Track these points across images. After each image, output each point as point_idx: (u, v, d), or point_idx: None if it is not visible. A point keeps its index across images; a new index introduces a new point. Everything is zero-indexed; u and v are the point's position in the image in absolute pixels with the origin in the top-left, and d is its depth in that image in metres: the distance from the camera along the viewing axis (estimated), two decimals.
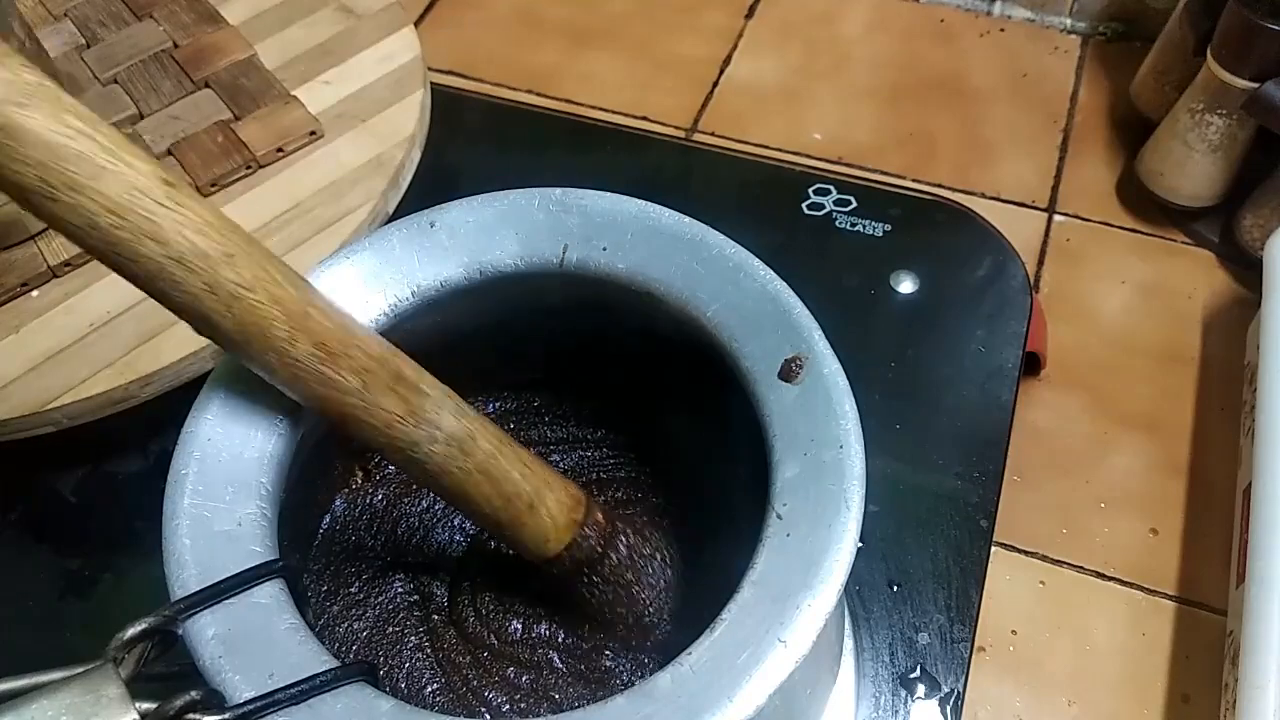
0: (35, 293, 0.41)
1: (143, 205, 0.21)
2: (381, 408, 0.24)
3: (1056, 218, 0.63)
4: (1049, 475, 0.53)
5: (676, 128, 0.68)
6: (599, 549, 0.29)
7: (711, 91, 0.70)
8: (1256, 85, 0.54)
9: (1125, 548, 0.51)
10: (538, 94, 0.70)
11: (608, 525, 0.29)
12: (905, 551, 0.39)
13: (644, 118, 0.69)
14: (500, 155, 0.53)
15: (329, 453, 0.33)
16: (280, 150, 0.45)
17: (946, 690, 0.36)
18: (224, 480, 0.26)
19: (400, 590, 0.33)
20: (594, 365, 0.34)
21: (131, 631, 0.24)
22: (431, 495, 0.35)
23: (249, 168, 0.45)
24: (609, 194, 0.31)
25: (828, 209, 0.49)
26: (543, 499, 0.28)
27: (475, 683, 0.31)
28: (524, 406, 0.36)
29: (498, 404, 0.36)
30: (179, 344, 0.39)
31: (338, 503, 0.34)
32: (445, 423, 0.26)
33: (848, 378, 0.27)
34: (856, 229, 0.48)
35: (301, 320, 0.23)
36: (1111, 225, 0.63)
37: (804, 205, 0.49)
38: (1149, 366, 0.56)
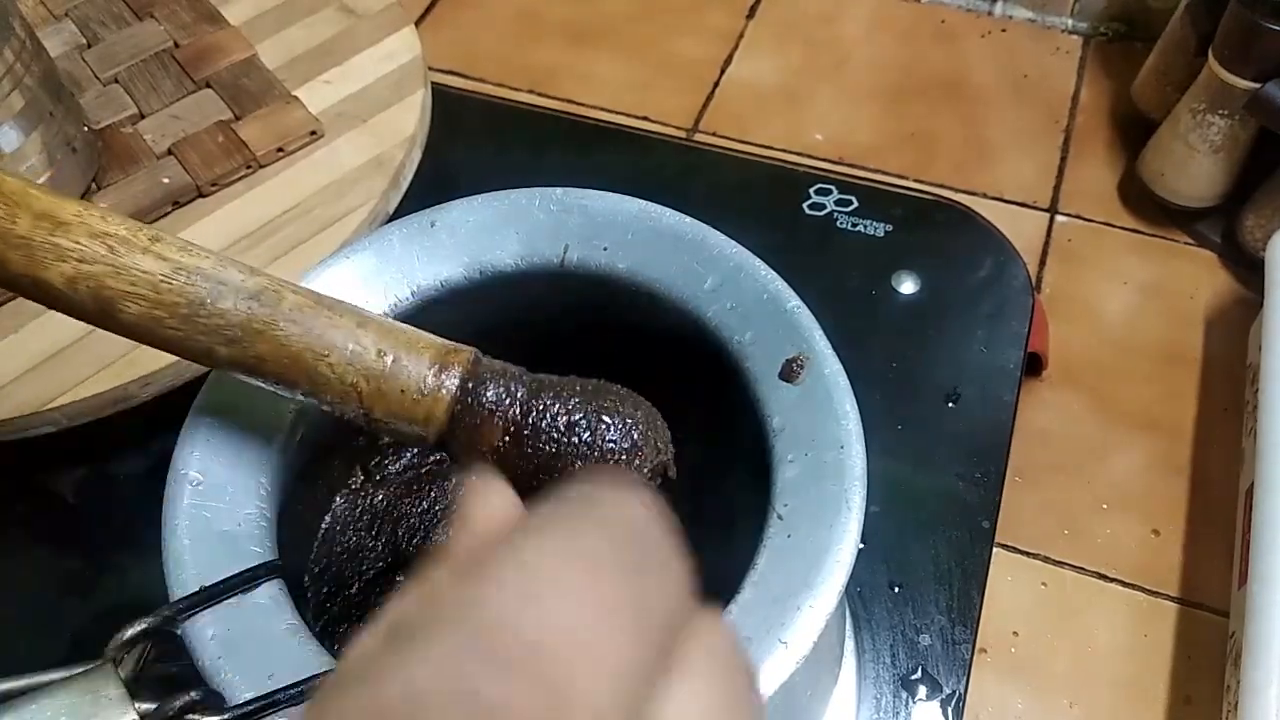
0: None
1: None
2: (140, 269, 0.23)
3: (1058, 218, 0.63)
4: (1051, 476, 0.53)
5: (678, 128, 0.68)
6: (497, 418, 0.24)
7: (712, 92, 0.70)
8: (1258, 85, 0.54)
9: (1127, 549, 0.50)
10: (538, 94, 0.70)
11: (503, 389, 0.24)
12: (906, 553, 0.39)
13: (645, 118, 0.69)
14: (501, 155, 0.53)
15: (329, 452, 0.33)
16: (281, 150, 0.45)
17: (948, 692, 0.36)
18: (224, 480, 0.26)
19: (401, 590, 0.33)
20: (594, 365, 0.34)
21: (131, 632, 0.24)
22: (433, 495, 0.35)
23: (249, 167, 0.45)
24: (610, 194, 0.31)
25: (829, 209, 0.49)
26: (395, 360, 0.24)
27: None
28: None
29: None
30: None
31: (338, 502, 0.34)
32: (230, 277, 0.23)
33: (849, 378, 0.27)
34: (858, 229, 0.48)
35: (22, 196, 0.22)
36: (1113, 225, 0.62)
37: (805, 205, 0.49)
38: (1151, 367, 0.56)
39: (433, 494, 0.35)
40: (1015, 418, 0.42)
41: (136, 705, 0.23)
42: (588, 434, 0.25)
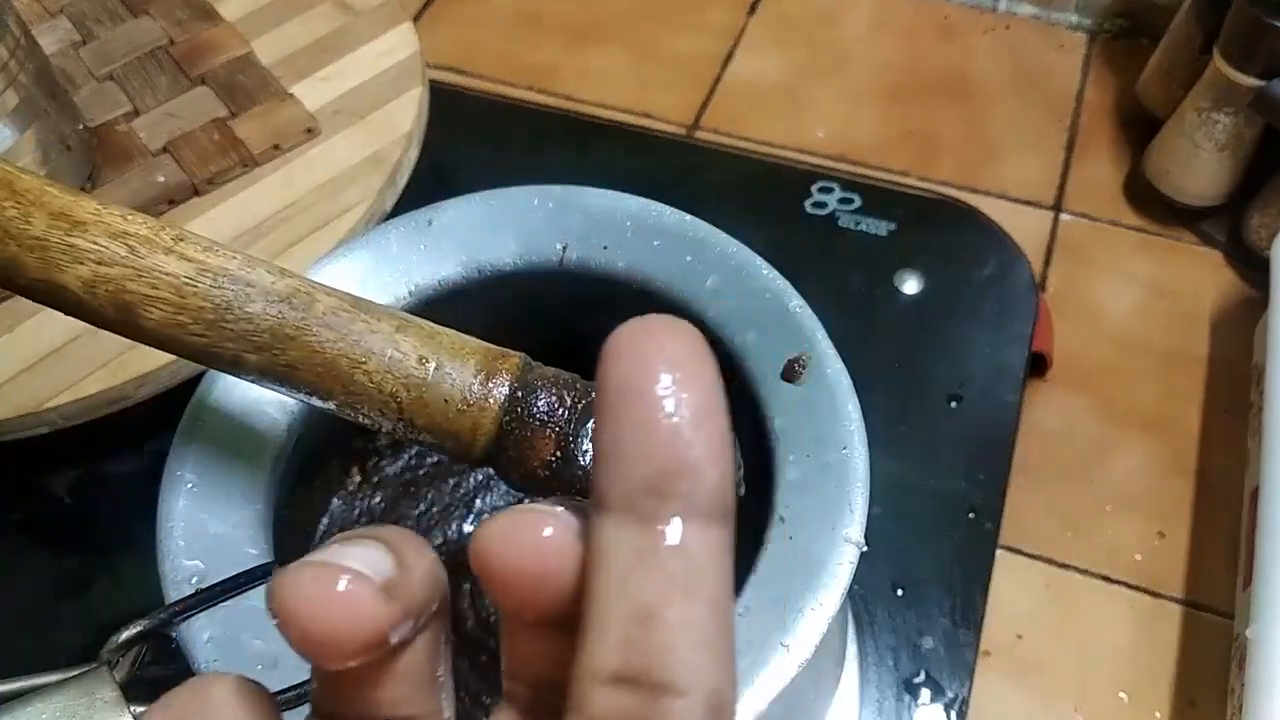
0: None
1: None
2: (162, 271, 0.21)
3: (1063, 216, 0.62)
4: (1055, 477, 0.52)
5: (678, 125, 0.68)
6: (549, 429, 0.22)
7: (713, 88, 0.69)
8: (1264, 83, 0.53)
9: (1132, 550, 0.50)
10: (537, 91, 0.69)
11: (555, 397, 0.23)
12: (909, 555, 0.38)
13: (645, 115, 0.68)
14: (499, 153, 0.52)
15: (326, 453, 0.32)
16: (277, 148, 0.45)
17: (951, 695, 0.36)
18: (220, 482, 0.26)
19: None
20: (594, 365, 0.34)
21: (126, 634, 0.24)
22: (430, 497, 0.34)
23: (245, 165, 0.45)
24: (609, 192, 0.30)
25: (831, 207, 0.48)
26: (437, 367, 0.22)
27: (474, 687, 0.31)
28: None
29: None
30: None
31: (335, 504, 0.34)
32: (259, 279, 0.22)
33: (851, 378, 0.26)
34: (860, 228, 0.48)
35: (37, 195, 0.21)
36: (1118, 224, 0.62)
37: (807, 203, 0.48)
38: (1156, 367, 0.56)
39: (430, 496, 0.34)
40: (1019, 418, 0.42)
41: (131, 708, 0.23)
42: None
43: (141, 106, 0.47)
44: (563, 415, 0.23)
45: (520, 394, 0.23)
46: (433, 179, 0.47)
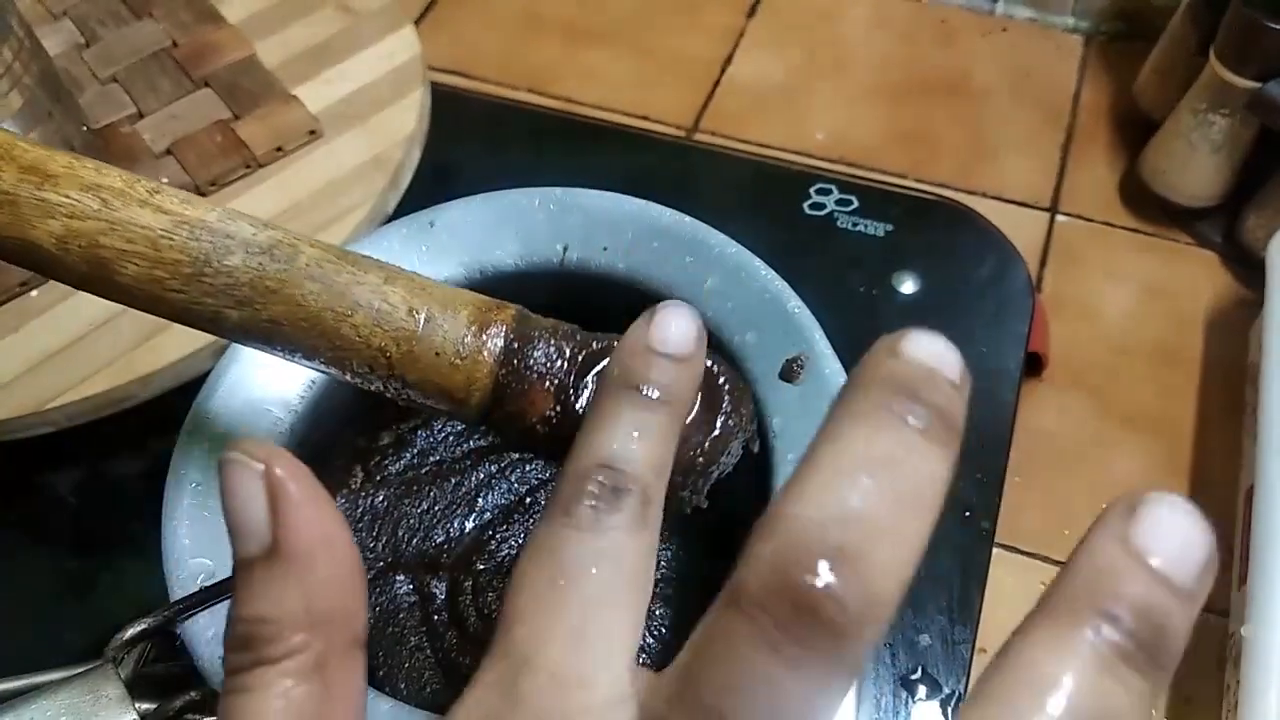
0: (35, 292, 0.41)
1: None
2: (137, 224, 0.20)
3: (1059, 218, 0.63)
4: (1051, 476, 0.52)
5: (677, 127, 0.68)
6: (547, 382, 0.21)
7: (712, 90, 0.70)
8: (1259, 85, 0.54)
9: None
10: (538, 93, 0.70)
11: (554, 348, 0.22)
12: None
13: (645, 117, 0.68)
14: (500, 155, 0.53)
15: (329, 452, 0.33)
16: (279, 150, 0.45)
17: (948, 691, 0.36)
18: None
19: (400, 590, 0.33)
20: None
21: (131, 632, 0.24)
22: (433, 495, 0.35)
23: (248, 167, 0.45)
24: (609, 193, 0.30)
25: (829, 209, 0.48)
26: (428, 319, 0.21)
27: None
28: None
29: None
30: (178, 343, 0.39)
31: (338, 502, 0.34)
32: (239, 230, 0.21)
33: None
34: (858, 229, 0.48)
35: (7, 149, 0.20)
36: (1114, 225, 0.62)
37: (805, 205, 0.49)
38: (1151, 367, 0.56)
39: (432, 494, 0.34)
40: (1015, 418, 0.42)
41: (136, 705, 0.23)
42: None
43: (145, 109, 0.47)
44: (561, 367, 0.22)
45: (516, 345, 0.21)
46: (434, 181, 0.47)
